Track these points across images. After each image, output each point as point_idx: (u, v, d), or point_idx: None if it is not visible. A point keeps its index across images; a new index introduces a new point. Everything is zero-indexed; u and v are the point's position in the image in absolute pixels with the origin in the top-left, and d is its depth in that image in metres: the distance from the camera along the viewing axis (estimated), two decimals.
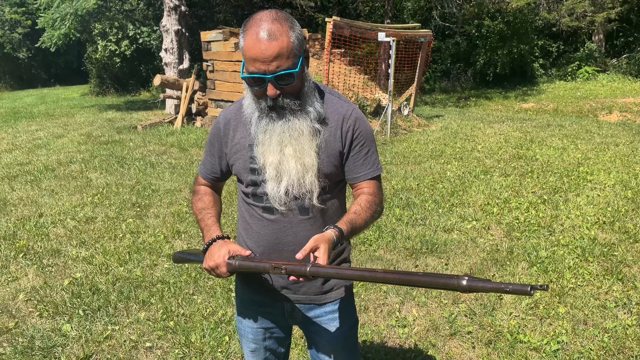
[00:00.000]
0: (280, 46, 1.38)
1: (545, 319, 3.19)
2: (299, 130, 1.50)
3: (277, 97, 1.45)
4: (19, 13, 23.78)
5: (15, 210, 5.33)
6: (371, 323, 3.17)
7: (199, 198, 1.77)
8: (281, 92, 1.45)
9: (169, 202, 5.55)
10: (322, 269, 1.36)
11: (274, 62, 1.38)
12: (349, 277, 1.34)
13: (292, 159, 1.51)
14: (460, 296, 3.47)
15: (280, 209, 1.57)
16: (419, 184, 6.13)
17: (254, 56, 1.39)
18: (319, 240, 1.41)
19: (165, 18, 12.88)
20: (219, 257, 1.51)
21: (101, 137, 9.57)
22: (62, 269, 3.96)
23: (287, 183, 1.52)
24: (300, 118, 1.50)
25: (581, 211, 5.08)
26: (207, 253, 1.56)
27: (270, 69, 1.39)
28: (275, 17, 1.40)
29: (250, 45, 1.39)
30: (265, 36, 1.37)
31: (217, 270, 1.51)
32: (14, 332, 3.07)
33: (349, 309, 1.78)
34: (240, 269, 1.50)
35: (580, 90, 16.34)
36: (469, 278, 1.18)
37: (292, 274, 1.37)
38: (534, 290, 1.08)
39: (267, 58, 1.38)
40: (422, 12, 18.55)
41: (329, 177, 1.59)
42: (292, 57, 1.41)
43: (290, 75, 1.42)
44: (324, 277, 1.36)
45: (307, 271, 1.35)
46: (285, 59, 1.39)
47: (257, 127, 1.53)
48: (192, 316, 3.22)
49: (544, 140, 8.47)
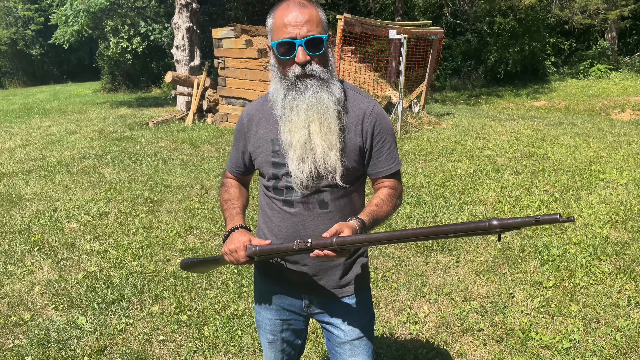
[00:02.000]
0: (310, 13, 1.47)
1: (557, 317, 3.18)
2: (326, 105, 1.52)
3: (306, 64, 1.49)
4: (32, 10, 24.01)
5: (30, 205, 5.41)
6: (382, 319, 3.18)
7: (226, 190, 1.83)
8: (310, 59, 1.49)
9: (180, 197, 5.59)
10: (348, 237, 1.40)
11: (304, 26, 1.46)
12: (378, 240, 1.37)
13: (318, 136, 1.53)
14: (471, 294, 3.47)
15: (301, 191, 1.58)
16: (430, 181, 6.12)
17: (285, 22, 1.46)
18: (344, 225, 1.45)
19: (177, 15, 12.94)
20: (239, 242, 1.55)
21: (113, 133, 9.65)
22: (76, 262, 4.01)
23: (311, 162, 1.54)
24: (327, 92, 1.53)
25: (593, 210, 5.05)
26: (227, 239, 1.61)
27: (301, 33, 1.46)
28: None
29: (281, 13, 1.48)
30: (297, 5, 1.48)
31: (236, 254, 1.54)
32: (30, 324, 3.13)
33: (366, 303, 1.80)
34: (262, 253, 1.53)
35: (592, 88, 16.20)
36: (498, 218, 1.23)
37: (317, 247, 1.41)
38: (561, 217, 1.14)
39: (299, 22, 1.45)
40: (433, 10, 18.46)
41: (349, 173, 1.61)
42: (321, 27, 1.49)
43: (320, 40, 1.48)
44: (352, 244, 1.39)
45: (333, 242, 1.39)
46: (315, 26, 1.47)
47: (283, 105, 1.55)
48: (205, 310, 3.25)
49: (556, 139, 8.42)
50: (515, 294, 3.47)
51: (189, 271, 1.91)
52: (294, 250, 1.48)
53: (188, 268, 1.84)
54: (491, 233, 1.27)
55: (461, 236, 1.33)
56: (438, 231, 1.31)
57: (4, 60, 25.54)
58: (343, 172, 1.58)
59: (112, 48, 18.33)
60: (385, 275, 3.74)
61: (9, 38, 24.54)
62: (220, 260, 1.70)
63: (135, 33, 18.08)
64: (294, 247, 1.47)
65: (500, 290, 3.51)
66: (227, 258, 1.59)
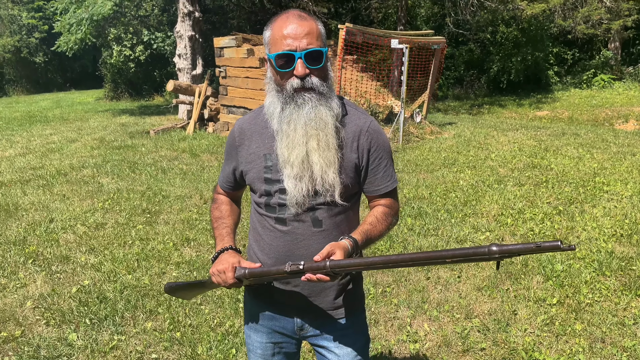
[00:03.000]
0: (310, 26, 1.43)
1: (562, 336, 3.09)
2: (325, 120, 1.47)
3: (305, 77, 1.44)
4: (36, 18, 24.14)
5: (26, 215, 5.34)
6: (381, 337, 3.09)
7: (216, 207, 1.78)
8: (309, 73, 1.45)
9: (179, 208, 5.52)
10: (342, 261, 1.35)
11: (304, 38, 1.41)
12: (374, 264, 1.32)
13: (316, 153, 1.47)
14: (473, 311, 3.38)
15: (297, 210, 1.53)
16: (431, 192, 6.04)
17: (284, 33, 1.42)
18: (335, 246, 1.40)
19: (179, 24, 12.96)
20: (228, 263, 1.52)
21: (114, 141, 9.61)
22: (70, 275, 3.94)
23: (308, 180, 1.49)
24: (326, 107, 1.48)
25: (598, 223, 4.96)
26: (216, 260, 1.57)
27: (301, 46, 1.41)
28: (300, 12, 1.48)
29: (280, 25, 1.44)
30: (297, 17, 1.44)
31: (224, 275, 1.50)
32: (20, 340, 3.05)
33: (360, 326, 1.74)
34: (251, 276, 1.49)
35: (596, 98, 16.13)
36: (498, 244, 1.20)
37: (310, 271, 1.36)
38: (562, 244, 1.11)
39: (298, 34, 1.41)
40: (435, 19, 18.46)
41: (344, 190, 1.55)
42: (320, 40, 1.45)
43: (319, 53, 1.44)
44: (346, 269, 1.35)
45: (327, 265, 1.34)
46: (315, 39, 1.43)
47: (280, 120, 1.49)
48: (199, 327, 3.17)
49: (559, 149, 8.34)
50: (518, 311, 3.38)
51: (173, 296, 1.82)
52: (286, 273, 1.42)
53: (172, 292, 1.77)
54: (491, 259, 1.22)
55: (460, 262, 1.28)
56: (436, 256, 1.27)
57: (7, 67, 25.66)
58: (342, 190, 1.52)
59: (115, 56, 18.38)
60: (385, 290, 3.66)
61: (13, 46, 24.67)
62: (207, 284, 1.63)
63: (138, 41, 18.13)
64: (285, 269, 1.42)
65: (502, 307, 3.42)
66: (215, 279, 1.54)
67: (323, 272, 1.36)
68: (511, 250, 1.18)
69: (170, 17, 18.05)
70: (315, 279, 1.37)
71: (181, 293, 1.78)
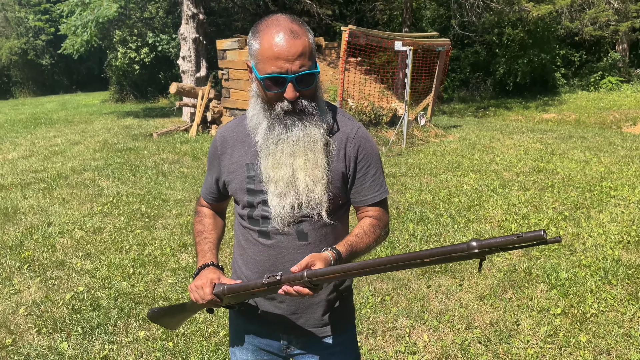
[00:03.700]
0: (304, 45, 1.32)
1: (565, 348, 3.00)
2: (313, 138, 1.40)
3: (296, 100, 1.36)
4: (43, 20, 24.25)
5: (24, 219, 5.30)
6: (379, 349, 3.01)
7: (199, 220, 1.72)
8: (299, 95, 1.37)
9: (178, 212, 5.47)
10: (319, 270, 1.27)
11: (297, 60, 1.31)
12: (350, 270, 1.24)
13: (302, 171, 1.41)
14: (474, 321, 3.29)
15: (282, 228, 1.46)
16: (434, 197, 5.95)
17: (276, 54, 1.31)
18: (316, 257, 1.32)
19: (183, 26, 12.93)
20: (206, 278, 1.46)
21: (116, 144, 9.58)
22: (65, 282, 3.88)
23: (292, 199, 1.42)
24: (315, 125, 1.41)
25: (604, 229, 4.85)
26: (197, 276, 1.50)
27: (293, 68, 1.32)
28: (293, 18, 1.36)
29: (271, 43, 1.31)
30: (289, 34, 1.31)
31: (201, 291, 1.44)
32: (10, 349, 2.99)
33: (350, 343, 1.66)
34: (230, 292, 1.42)
35: (603, 100, 15.95)
36: (477, 239, 1.10)
37: (287, 282, 1.29)
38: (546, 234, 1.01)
39: (291, 56, 1.31)
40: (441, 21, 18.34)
41: (331, 200, 1.47)
42: (313, 58, 1.36)
43: (311, 75, 1.35)
44: (324, 277, 1.27)
45: (304, 275, 1.27)
46: (307, 59, 1.33)
47: (266, 138, 1.42)
48: (193, 336, 3.10)
49: (566, 153, 8.21)
50: (521, 321, 3.28)
51: (158, 324, 1.74)
52: (264, 285, 1.35)
53: (156, 320, 1.69)
54: (471, 257, 1.12)
55: (439, 262, 1.19)
56: (413, 257, 1.18)
57: (14, 70, 25.81)
58: (329, 207, 1.45)
59: (120, 58, 18.40)
60: (385, 299, 3.57)
61: (20, 48, 24.80)
62: (188, 307, 1.57)
63: (143, 43, 18.14)
64: (263, 281, 1.34)
65: (505, 317, 3.33)
66: (192, 295, 1.47)
67: (301, 284, 1.29)
68: (492, 244, 1.08)
69: (175, 19, 18.06)
70: (293, 292, 1.29)
71: (166, 320, 1.70)
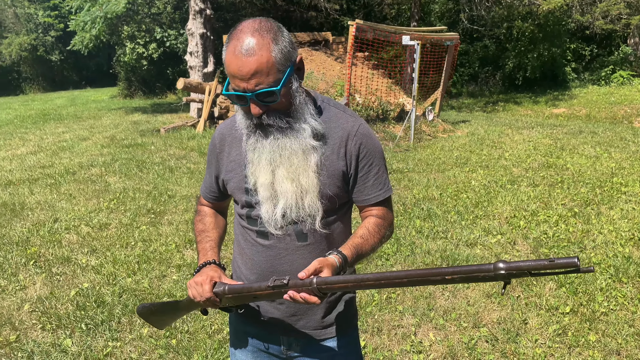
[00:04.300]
0: (259, 62, 1.24)
1: (574, 347, 2.94)
2: (290, 149, 1.36)
3: (262, 115, 1.32)
4: (52, 16, 24.35)
5: (31, 215, 5.31)
6: (384, 347, 2.97)
7: (200, 219, 1.67)
8: (266, 110, 1.32)
9: (184, 208, 5.45)
10: (330, 278, 1.24)
11: (252, 79, 1.26)
12: (364, 282, 1.21)
13: (287, 181, 1.37)
14: (481, 319, 3.24)
15: (277, 233, 1.43)
16: (442, 193, 5.89)
17: (232, 73, 1.27)
18: (323, 263, 1.28)
19: (191, 21, 12.90)
20: (206, 275, 1.42)
21: (124, 140, 9.59)
22: (70, 278, 3.88)
23: (284, 206, 1.39)
24: (291, 137, 1.35)
25: (615, 226, 4.77)
26: (197, 274, 1.46)
27: (249, 87, 1.27)
28: (257, 28, 1.27)
29: (229, 60, 1.27)
30: (243, 51, 1.24)
31: (200, 287, 1.40)
32: (14, 346, 2.99)
33: (352, 346, 1.62)
34: (231, 293, 1.38)
35: (614, 95, 15.75)
36: (505, 261, 1.07)
37: (294, 287, 1.26)
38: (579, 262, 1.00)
39: (244, 75, 1.25)
40: (449, 15, 18.19)
41: (331, 200, 1.43)
42: (274, 73, 1.27)
43: (271, 93, 1.28)
44: (335, 286, 1.24)
45: (313, 282, 1.23)
46: (265, 76, 1.26)
47: (246, 144, 1.41)
48: (196, 334, 3.08)
49: (576, 148, 8.11)
50: (529, 320, 3.23)
51: (147, 322, 1.68)
52: (269, 288, 1.31)
53: (146, 317, 1.64)
54: (496, 279, 1.10)
55: (461, 281, 1.16)
56: (434, 273, 1.15)
57: (24, 66, 25.94)
58: (323, 216, 1.42)
59: (129, 54, 18.43)
60: (390, 297, 3.53)
61: (30, 44, 24.91)
62: (182, 305, 1.53)
63: (151, 39, 18.15)
64: (269, 284, 1.30)
65: (512, 315, 3.28)
66: (191, 292, 1.42)
67: (309, 290, 1.25)
68: (520, 267, 1.06)
69: (183, 14, 18.04)
70: (300, 299, 1.26)
71: (156, 318, 1.64)
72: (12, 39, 25.45)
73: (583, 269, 1.03)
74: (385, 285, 1.23)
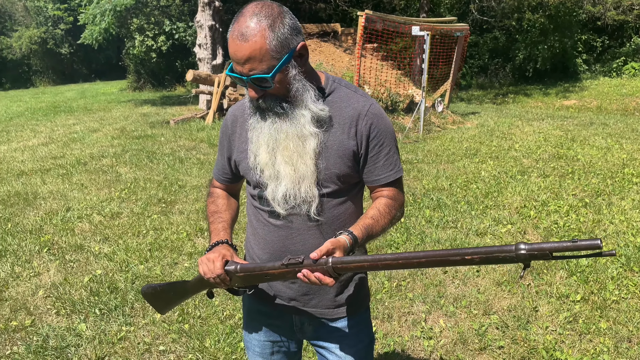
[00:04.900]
0: (252, 48, 1.26)
1: (585, 334, 2.94)
2: (286, 133, 1.37)
3: (259, 99, 1.35)
4: (62, 10, 24.44)
5: (44, 204, 5.37)
6: (394, 333, 2.99)
7: (212, 201, 1.68)
8: (262, 94, 1.34)
9: (194, 198, 5.49)
10: (346, 258, 1.25)
11: (246, 64, 1.28)
12: (381, 261, 1.22)
13: (284, 164, 1.39)
14: (491, 307, 3.25)
15: (282, 212, 1.44)
16: (452, 183, 5.88)
17: (230, 55, 1.30)
18: (335, 244, 1.29)
19: (200, 14, 12.90)
20: (219, 253, 1.43)
21: (134, 131, 9.65)
22: (83, 265, 3.93)
23: (285, 188, 1.40)
24: (289, 122, 1.37)
25: (626, 216, 4.75)
26: (209, 252, 1.48)
27: (244, 72, 1.29)
28: (255, 12, 1.27)
29: (229, 43, 1.30)
30: (239, 36, 1.26)
31: (212, 264, 1.41)
32: (29, 330, 3.04)
33: (364, 326, 1.63)
34: (243, 272, 1.39)
35: (626, 87, 15.59)
36: (526, 243, 1.07)
37: (309, 267, 1.27)
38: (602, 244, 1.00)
39: (239, 60, 1.28)
40: (459, 6, 18.05)
41: (342, 180, 1.44)
42: (267, 60, 1.27)
43: (263, 80, 1.30)
44: (350, 266, 1.25)
45: (329, 262, 1.24)
46: (258, 62, 1.27)
47: (249, 124, 1.44)
48: (209, 319, 3.12)
49: (586, 140, 8.05)
50: (539, 307, 3.23)
51: (150, 303, 1.67)
52: (283, 267, 1.32)
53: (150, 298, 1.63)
54: (518, 260, 1.09)
55: (481, 263, 1.16)
56: (454, 253, 1.16)
57: (34, 59, 26.11)
58: (319, 203, 1.42)
59: (138, 47, 18.48)
60: (400, 284, 3.55)
61: (40, 37, 25.06)
62: (189, 285, 1.53)
63: (160, 32, 18.18)
64: (283, 262, 1.31)
65: (523, 303, 3.28)
66: (201, 268, 1.43)
67: (323, 271, 1.26)
68: (543, 249, 1.05)
69: (192, 7, 18.03)
70: (314, 278, 1.26)
71: (160, 300, 1.63)
72: (22, 32, 25.62)
73: (605, 253, 1.03)
74: (403, 266, 1.23)
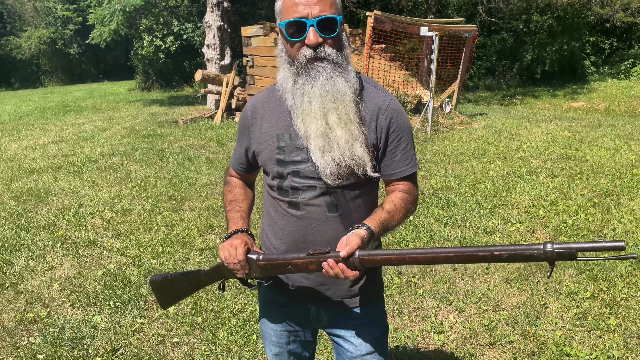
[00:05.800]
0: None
1: (595, 330, 2.96)
2: (342, 92, 1.37)
3: (318, 47, 1.35)
4: (71, 10, 24.61)
5: (56, 201, 5.44)
6: (405, 328, 3.02)
7: (230, 190, 1.71)
8: (322, 42, 1.35)
9: (204, 196, 5.54)
10: (373, 252, 1.27)
11: (316, 5, 1.32)
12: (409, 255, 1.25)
13: (339, 127, 1.37)
14: (501, 303, 3.27)
15: (334, 182, 1.40)
16: (460, 183, 5.90)
17: (296, 0, 1.32)
18: (352, 237, 1.32)
19: (208, 14, 12.98)
20: (241, 240, 1.45)
21: (143, 130, 9.73)
22: (96, 259, 3.98)
23: (337, 152, 1.37)
24: (342, 78, 1.38)
25: (635, 216, 4.76)
26: (230, 238, 1.49)
27: (313, 13, 1.32)
28: None
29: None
30: None
31: (234, 250, 1.42)
32: (46, 321, 3.09)
33: (379, 315, 1.66)
34: (265, 261, 1.41)
35: (634, 89, 15.53)
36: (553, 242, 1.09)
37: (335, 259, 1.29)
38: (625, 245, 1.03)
39: (310, 1, 1.32)
40: (467, 7, 18.04)
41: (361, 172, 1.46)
42: (335, 8, 1.36)
43: (333, 22, 1.34)
44: (376, 259, 1.28)
45: (355, 255, 1.26)
46: (328, 6, 1.34)
47: (293, 93, 1.40)
48: (221, 312, 3.16)
49: (595, 141, 8.04)
50: (548, 304, 3.25)
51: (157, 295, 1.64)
52: (309, 256, 1.34)
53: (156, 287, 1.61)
54: (545, 259, 1.11)
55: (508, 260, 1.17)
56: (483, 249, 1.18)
57: (43, 59, 26.28)
58: (373, 164, 1.43)
59: (146, 47, 18.60)
60: (410, 280, 3.58)
61: (49, 37, 25.23)
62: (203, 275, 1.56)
63: (168, 32, 18.29)
64: (309, 252, 1.34)
65: (532, 300, 3.30)
66: (222, 253, 1.45)
67: (348, 264, 1.29)
68: (570, 248, 1.07)
69: (200, 7, 18.13)
70: (339, 270, 1.29)
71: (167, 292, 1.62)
72: (32, 32, 25.81)
73: (627, 256, 1.08)
74: (432, 261, 1.24)
